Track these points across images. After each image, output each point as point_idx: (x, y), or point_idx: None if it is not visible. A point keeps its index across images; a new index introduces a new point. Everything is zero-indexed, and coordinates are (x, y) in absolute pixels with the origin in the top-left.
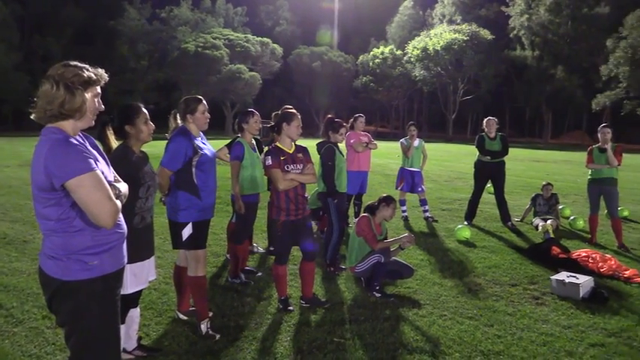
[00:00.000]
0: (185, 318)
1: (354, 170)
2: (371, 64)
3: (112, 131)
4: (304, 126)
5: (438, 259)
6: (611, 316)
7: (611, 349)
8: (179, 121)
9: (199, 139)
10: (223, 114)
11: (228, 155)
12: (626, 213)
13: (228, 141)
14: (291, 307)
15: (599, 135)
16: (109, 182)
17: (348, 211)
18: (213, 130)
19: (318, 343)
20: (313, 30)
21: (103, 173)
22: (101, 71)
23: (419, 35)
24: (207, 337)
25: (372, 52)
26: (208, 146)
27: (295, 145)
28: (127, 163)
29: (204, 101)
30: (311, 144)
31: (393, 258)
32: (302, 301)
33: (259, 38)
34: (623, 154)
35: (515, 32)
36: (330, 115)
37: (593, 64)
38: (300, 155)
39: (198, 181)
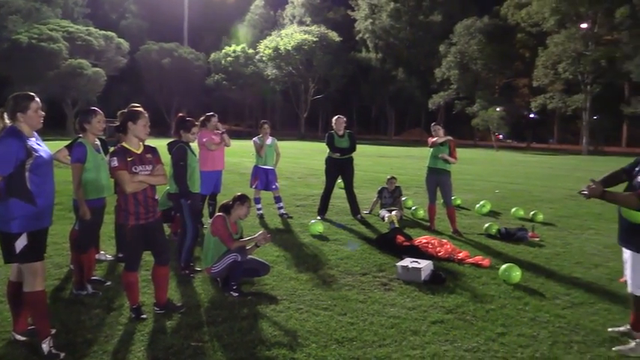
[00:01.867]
0: (23, 339)
1: (208, 170)
2: (223, 62)
3: None
4: (154, 125)
5: (293, 254)
6: (448, 295)
7: (449, 324)
8: (7, 121)
9: (33, 139)
10: (64, 112)
11: (68, 157)
12: (458, 202)
13: (69, 142)
14: (144, 316)
15: (432, 132)
16: None
17: (202, 211)
18: (53, 130)
19: (174, 350)
20: (162, 25)
21: None
22: None
23: (270, 35)
24: (50, 356)
25: (223, 50)
26: (44, 147)
27: (144, 145)
28: None
29: (36, 98)
30: (162, 144)
31: (250, 256)
32: (156, 308)
33: (103, 31)
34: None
35: (360, 35)
36: (181, 114)
37: (429, 67)
38: (149, 156)
39: (32, 187)
